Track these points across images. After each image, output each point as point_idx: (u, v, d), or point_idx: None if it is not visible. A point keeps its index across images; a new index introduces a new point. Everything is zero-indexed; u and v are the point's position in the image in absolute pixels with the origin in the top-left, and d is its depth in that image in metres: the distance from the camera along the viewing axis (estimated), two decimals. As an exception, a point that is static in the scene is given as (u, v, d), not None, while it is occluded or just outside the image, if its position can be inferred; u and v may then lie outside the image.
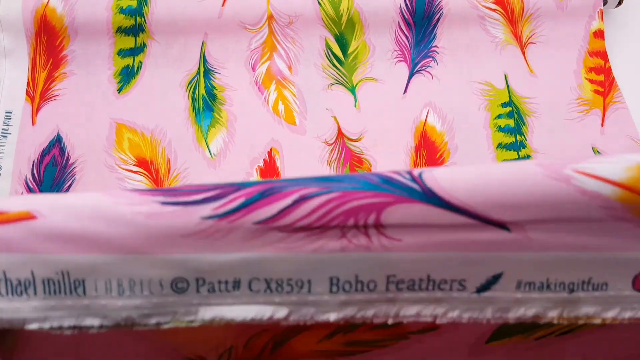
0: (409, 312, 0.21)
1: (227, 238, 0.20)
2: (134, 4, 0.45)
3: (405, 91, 0.47)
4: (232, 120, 0.45)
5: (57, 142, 0.44)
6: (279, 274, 0.20)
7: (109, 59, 0.46)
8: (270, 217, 0.20)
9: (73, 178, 0.43)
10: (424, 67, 0.47)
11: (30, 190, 0.43)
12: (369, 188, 0.20)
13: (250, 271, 0.20)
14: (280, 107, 0.46)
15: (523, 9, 0.48)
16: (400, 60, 0.48)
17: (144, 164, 0.44)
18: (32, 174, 0.43)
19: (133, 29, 0.46)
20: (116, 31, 0.46)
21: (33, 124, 0.45)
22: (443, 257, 0.20)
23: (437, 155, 0.45)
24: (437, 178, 0.20)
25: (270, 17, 0.47)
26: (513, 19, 0.48)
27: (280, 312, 0.21)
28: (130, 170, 0.44)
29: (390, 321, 0.21)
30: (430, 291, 0.21)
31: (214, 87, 0.46)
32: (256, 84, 0.46)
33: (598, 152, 0.45)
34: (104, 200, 0.20)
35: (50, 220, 0.20)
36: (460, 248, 0.20)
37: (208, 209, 0.20)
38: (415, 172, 0.21)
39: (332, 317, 0.21)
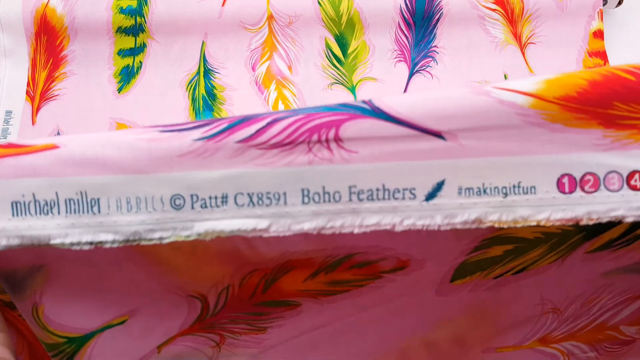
0: (371, 221, 0.25)
1: (214, 156, 0.24)
2: (134, 4, 0.45)
3: (405, 91, 0.47)
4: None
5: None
6: (259, 187, 0.24)
7: (109, 59, 0.46)
8: (248, 136, 0.24)
9: None
10: (423, 67, 0.48)
11: None
12: (328, 110, 0.24)
13: (235, 186, 0.24)
14: (280, 106, 0.46)
15: (523, 9, 0.48)
16: (400, 60, 0.48)
17: None
18: None
19: (133, 29, 0.46)
20: (116, 31, 0.46)
21: (33, 123, 0.45)
22: (393, 166, 0.24)
23: None
24: (383, 100, 0.25)
25: (270, 17, 0.47)
26: (513, 19, 0.48)
27: (262, 224, 0.24)
28: None
29: (355, 230, 0.25)
30: (387, 200, 0.24)
31: (214, 87, 0.46)
32: (256, 83, 0.46)
33: None
34: (113, 133, 0.24)
35: (71, 148, 0.24)
36: (406, 157, 0.24)
37: (198, 133, 0.24)
38: (366, 99, 0.25)
39: (306, 226, 0.24)
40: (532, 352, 0.35)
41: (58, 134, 0.44)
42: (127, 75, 0.46)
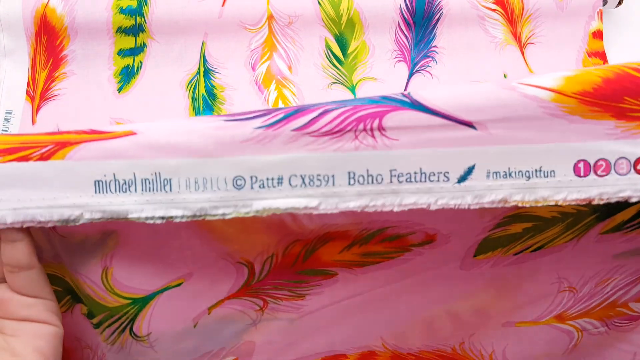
0: (409, 200, 0.28)
1: (272, 142, 0.27)
2: (134, 4, 0.45)
3: (405, 90, 0.47)
4: None
5: None
6: (311, 170, 0.27)
7: (109, 59, 0.46)
8: (302, 125, 0.27)
9: None
10: (423, 67, 0.48)
11: None
12: (372, 102, 0.28)
13: (290, 169, 0.27)
14: (280, 106, 0.46)
15: (523, 9, 0.48)
16: (400, 61, 0.48)
17: None
18: None
19: (133, 29, 0.46)
20: (116, 31, 0.46)
21: (33, 123, 0.45)
22: (430, 152, 0.27)
23: None
24: (420, 93, 0.28)
25: (270, 17, 0.47)
26: (513, 19, 0.48)
27: (313, 202, 0.27)
28: None
29: (395, 209, 0.28)
30: (423, 182, 0.28)
31: (214, 87, 0.46)
32: (256, 83, 0.46)
33: None
34: (184, 120, 0.28)
35: (147, 134, 0.27)
36: (441, 144, 0.27)
37: (259, 121, 0.27)
38: (405, 92, 0.28)
39: (351, 205, 0.27)
40: (549, 328, 0.37)
41: None
42: (127, 75, 0.46)
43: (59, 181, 0.27)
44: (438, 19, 0.48)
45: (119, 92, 0.46)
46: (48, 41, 0.46)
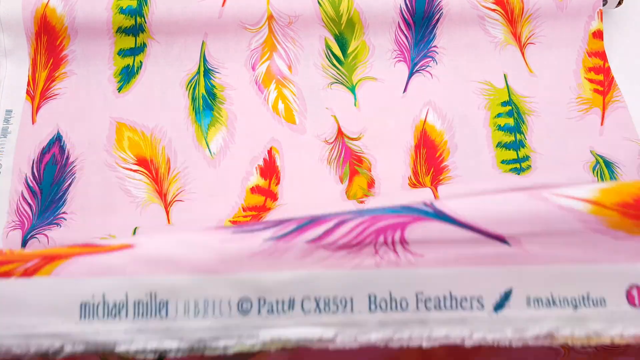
0: (439, 333, 0.24)
1: (284, 256, 0.24)
2: (134, 4, 0.45)
3: (405, 90, 0.47)
4: (232, 119, 0.45)
5: (57, 140, 0.44)
6: (326, 291, 0.24)
7: (109, 58, 0.46)
8: (317, 236, 0.25)
9: (73, 177, 0.43)
10: (423, 67, 0.48)
11: (30, 189, 0.43)
12: (392, 212, 0.25)
13: (303, 289, 0.24)
14: (280, 106, 0.46)
15: (523, 9, 0.48)
16: (400, 61, 0.48)
17: (144, 163, 0.44)
18: (32, 173, 0.43)
19: (133, 29, 0.46)
20: (116, 31, 0.46)
21: (33, 122, 0.45)
22: (459, 272, 0.24)
23: (437, 154, 0.45)
24: (444, 203, 0.25)
25: (270, 17, 0.47)
26: (513, 19, 0.48)
27: (328, 333, 0.24)
28: (130, 169, 0.44)
29: (424, 344, 0.24)
30: (455, 310, 0.24)
31: (214, 87, 0.46)
32: (256, 83, 0.46)
33: (597, 155, 0.45)
34: (187, 232, 0.25)
35: (146, 247, 0.25)
36: (472, 262, 0.24)
37: (269, 233, 0.25)
38: (427, 201, 0.26)
39: (373, 337, 0.24)
40: None
41: (58, 132, 0.44)
42: (127, 75, 0.46)
43: (41, 303, 0.24)
44: (438, 19, 0.48)
45: (119, 91, 0.46)
46: (48, 41, 0.46)
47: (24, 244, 0.41)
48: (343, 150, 0.45)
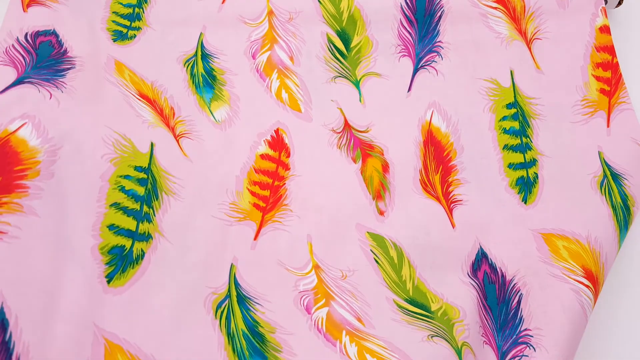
0: None
1: None
2: (134, 2, 0.45)
3: (409, 89, 0.45)
4: (234, 100, 0.43)
5: (53, 34, 0.41)
6: None
7: (105, 6, 0.45)
8: None
9: (73, 66, 0.40)
10: (428, 62, 0.46)
11: (22, 44, 0.40)
12: None
13: None
14: (284, 95, 0.44)
15: (524, 7, 0.48)
16: (405, 55, 0.46)
17: (147, 99, 0.41)
18: (25, 37, 0.40)
19: (129, 16, 0.45)
20: (112, 12, 0.45)
21: (24, 11, 0.42)
22: None
23: (445, 154, 0.42)
24: None
25: (270, 13, 0.46)
26: (515, 16, 0.48)
27: None
28: (134, 96, 0.41)
29: None
30: None
31: (213, 69, 0.44)
32: (257, 71, 0.44)
33: (605, 164, 0.42)
34: None
35: None
36: None
37: None
38: None
39: None
40: None
41: (54, 30, 0.41)
42: (120, 35, 0.44)
43: None
44: (440, 16, 0.47)
45: (114, 41, 0.43)
46: None
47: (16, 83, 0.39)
48: (352, 139, 0.42)
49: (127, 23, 0.45)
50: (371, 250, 0.38)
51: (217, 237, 0.37)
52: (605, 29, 0.48)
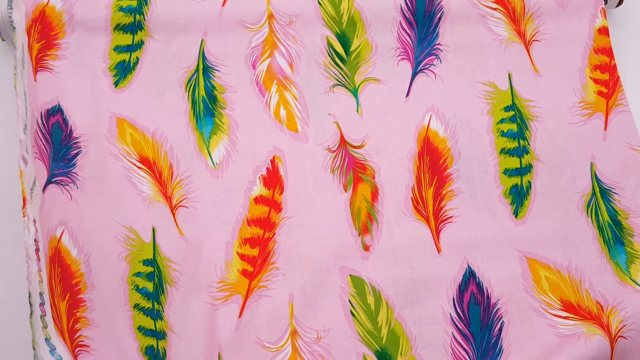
0: None
1: None
2: (134, 3, 0.45)
3: (407, 94, 0.45)
4: (233, 127, 0.44)
5: (59, 111, 0.42)
6: None
7: (105, 52, 0.45)
8: None
9: (79, 149, 0.42)
10: (427, 66, 0.46)
11: (41, 130, 0.42)
12: None
13: None
14: (282, 112, 0.44)
15: (524, 8, 0.48)
16: (404, 59, 0.47)
17: (147, 163, 0.42)
18: (41, 119, 0.42)
19: (131, 26, 0.45)
20: (114, 28, 0.45)
21: (35, 80, 0.43)
22: None
23: (441, 162, 0.43)
24: None
25: (271, 16, 0.46)
26: (515, 17, 0.48)
27: None
28: (135, 164, 0.42)
29: None
30: None
31: (214, 87, 0.45)
32: (257, 84, 0.45)
33: (596, 178, 0.43)
34: None
35: None
36: None
37: None
38: None
39: None
40: None
41: (59, 105, 0.43)
42: (122, 70, 0.45)
43: None
44: (440, 18, 0.47)
45: (115, 86, 0.44)
46: (42, 30, 0.45)
47: (48, 182, 0.41)
48: (346, 159, 0.43)
49: (129, 41, 0.46)
50: (349, 300, 0.39)
51: (209, 325, 0.39)
52: (604, 31, 0.48)
